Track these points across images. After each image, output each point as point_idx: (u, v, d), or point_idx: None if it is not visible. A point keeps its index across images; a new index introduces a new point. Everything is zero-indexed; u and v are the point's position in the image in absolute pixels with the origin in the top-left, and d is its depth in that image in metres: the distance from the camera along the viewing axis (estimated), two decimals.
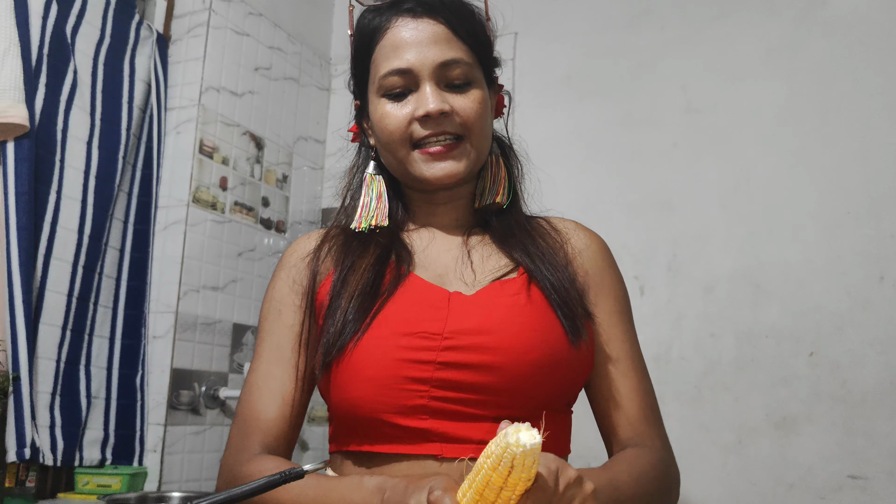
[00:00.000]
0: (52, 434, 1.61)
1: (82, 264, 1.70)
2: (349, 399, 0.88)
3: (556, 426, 0.92)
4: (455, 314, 0.89)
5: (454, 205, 1.02)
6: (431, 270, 0.96)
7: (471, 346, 0.87)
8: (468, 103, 0.94)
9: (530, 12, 2.22)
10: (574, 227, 1.04)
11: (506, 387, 0.86)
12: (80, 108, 1.72)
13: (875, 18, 1.83)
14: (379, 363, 0.87)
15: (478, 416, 0.87)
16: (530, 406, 0.88)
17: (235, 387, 1.99)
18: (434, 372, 0.86)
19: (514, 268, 0.96)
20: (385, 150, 0.97)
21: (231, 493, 0.76)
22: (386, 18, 0.97)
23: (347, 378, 0.88)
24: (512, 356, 0.87)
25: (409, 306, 0.91)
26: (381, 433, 0.88)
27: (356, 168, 1.06)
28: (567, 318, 0.91)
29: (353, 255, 0.97)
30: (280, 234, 2.24)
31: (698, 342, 1.86)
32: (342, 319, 0.90)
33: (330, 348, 0.90)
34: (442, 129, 0.93)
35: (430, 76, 0.93)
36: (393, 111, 0.94)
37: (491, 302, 0.91)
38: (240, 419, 0.96)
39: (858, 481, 1.66)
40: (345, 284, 0.94)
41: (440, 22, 0.95)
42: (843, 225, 1.77)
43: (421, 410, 0.86)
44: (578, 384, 0.95)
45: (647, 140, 2.01)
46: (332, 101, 2.50)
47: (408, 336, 0.87)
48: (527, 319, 0.90)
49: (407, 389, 0.86)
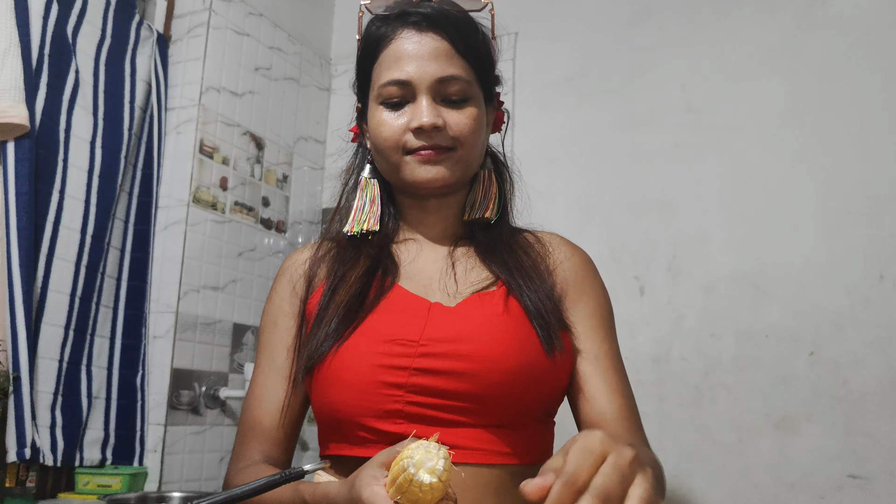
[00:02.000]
0: (53, 434, 1.61)
1: (85, 264, 1.70)
2: (330, 403, 0.92)
3: (536, 435, 0.94)
4: (433, 323, 0.93)
5: (444, 214, 1.05)
6: (416, 281, 0.99)
7: (446, 353, 0.90)
8: (462, 119, 0.97)
9: (530, 12, 2.23)
10: (558, 241, 1.08)
11: (480, 394, 0.89)
12: (82, 108, 1.72)
13: (875, 18, 1.83)
14: (357, 368, 0.90)
15: (453, 422, 0.89)
16: (507, 414, 0.90)
17: (236, 387, 2.00)
18: (409, 377, 0.89)
19: (493, 281, 0.99)
20: (379, 154, 1.01)
21: (231, 493, 0.77)
22: (392, 29, 0.99)
23: (328, 383, 0.92)
24: (486, 364, 0.89)
25: (390, 316, 0.94)
26: (358, 437, 0.91)
27: (353, 169, 1.10)
28: (543, 329, 0.93)
29: (345, 266, 1.01)
30: (280, 234, 2.24)
31: (698, 342, 1.86)
32: (326, 328, 0.94)
33: (312, 354, 0.94)
34: (434, 142, 0.96)
35: (428, 90, 0.96)
36: (388, 119, 0.97)
37: (469, 313, 0.94)
38: (240, 430, 1.01)
39: (858, 481, 1.66)
40: (333, 295, 0.98)
41: (443, 38, 0.98)
42: (843, 225, 1.78)
43: (396, 415, 0.89)
44: (556, 394, 0.97)
45: (648, 140, 2.01)
46: (332, 101, 2.50)
47: (386, 343, 0.91)
48: (503, 329, 0.92)
49: (383, 394, 0.89)
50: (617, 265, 1.98)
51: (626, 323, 1.93)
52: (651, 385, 1.88)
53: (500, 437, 0.90)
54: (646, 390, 1.87)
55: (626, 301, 1.95)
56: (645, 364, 1.90)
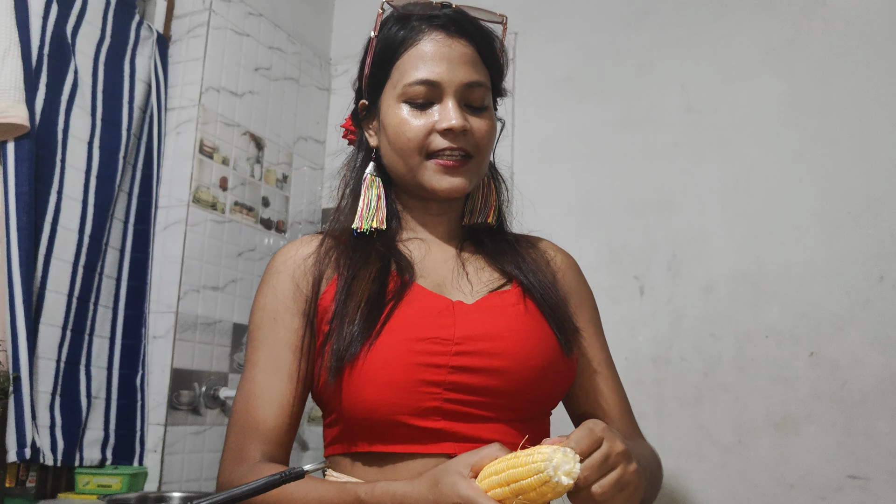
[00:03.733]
0: (53, 434, 1.61)
1: (83, 264, 1.70)
2: (364, 402, 0.91)
3: (543, 427, 1.01)
4: (461, 321, 0.94)
5: (446, 217, 1.07)
6: (431, 280, 1.01)
7: (480, 352, 0.92)
8: (483, 126, 1.00)
9: (530, 12, 2.23)
10: (552, 246, 1.13)
11: (511, 390, 0.93)
12: (80, 109, 1.72)
13: (875, 18, 1.83)
14: (394, 367, 0.90)
15: (486, 418, 0.92)
16: (528, 409, 0.95)
17: (235, 387, 1.99)
18: (447, 375, 0.91)
19: (507, 281, 1.02)
20: (396, 154, 1.00)
21: (231, 493, 0.77)
22: (418, 29, 1.00)
23: (362, 382, 0.91)
24: (517, 361, 0.93)
25: (417, 314, 0.95)
26: (396, 434, 0.91)
27: (354, 168, 1.09)
28: (560, 330, 0.98)
29: (356, 264, 1.00)
30: (280, 234, 2.24)
31: (698, 342, 1.86)
32: (351, 327, 0.93)
33: (342, 354, 0.92)
34: (459, 144, 0.98)
35: (455, 93, 0.98)
36: (412, 119, 0.98)
37: (492, 311, 0.97)
38: (238, 428, 0.98)
39: (858, 481, 1.66)
40: (350, 293, 0.97)
41: (471, 44, 1.01)
42: (843, 225, 1.77)
43: (435, 412, 0.90)
44: (564, 391, 1.02)
45: (647, 140, 2.01)
46: (332, 101, 2.50)
47: (421, 342, 0.92)
48: (528, 328, 0.96)
49: (422, 392, 0.90)
50: (617, 265, 1.98)
51: (626, 323, 1.93)
52: (651, 385, 1.88)
53: (518, 430, 0.94)
54: (646, 390, 1.88)
55: (626, 301, 1.95)
56: (645, 364, 1.90)
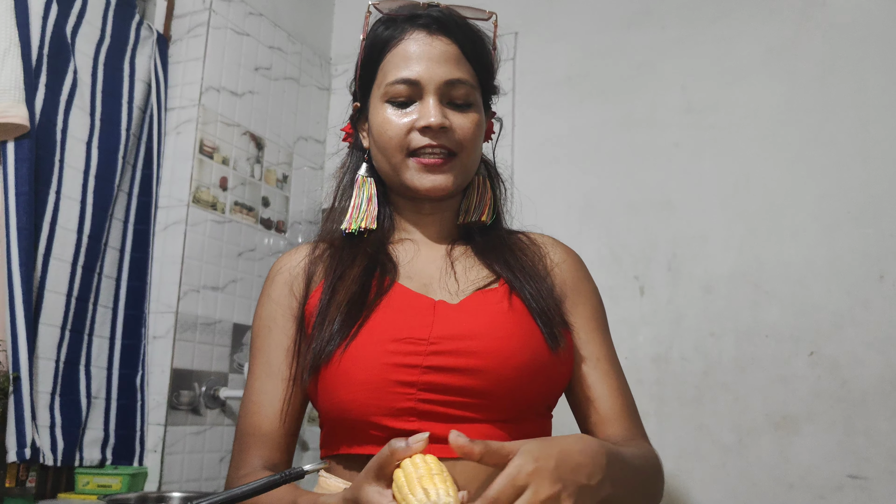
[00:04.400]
0: (53, 434, 1.61)
1: (82, 264, 1.70)
2: (339, 402, 0.91)
3: (537, 428, 0.97)
4: (440, 321, 0.94)
5: (439, 217, 1.07)
6: (416, 280, 1.00)
7: (456, 351, 0.91)
8: (466, 123, 0.99)
9: (530, 12, 2.23)
10: (552, 242, 1.11)
11: (490, 390, 0.90)
12: (79, 109, 1.72)
13: (875, 18, 1.83)
14: (368, 367, 0.90)
15: (464, 418, 0.90)
16: (512, 408, 0.93)
17: (235, 387, 2.00)
18: (421, 375, 0.89)
19: (495, 279, 1.01)
20: (381, 153, 1.01)
21: (231, 493, 0.77)
22: (400, 29, 1.01)
23: (337, 382, 0.91)
24: (496, 360, 0.91)
25: (396, 314, 0.95)
26: (370, 435, 0.91)
27: (346, 169, 1.11)
28: (546, 326, 0.96)
29: (343, 265, 1.01)
30: (280, 234, 2.24)
31: (698, 342, 1.87)
32: (330, 327, 0.94)
33: (318, 354, 0.93)
34: (439, 142, 0.98)
35: (435, 91, 0.98)
36: (394, 118, 0.99)
37: (475, 310, 0.96)
38: (239, 436, 1.01)
39: (858, 481, 1.66)
40: (334, 294, 0.98)
41: (453, 42, 1.01)
42: (843, 225, 1.78)
43: (409, 412, 0.89)
44: (557, 389, 1.00)
45: (648, 140, 2.02)
46: (332, 101, 2.50)
47: (395, 342, 0.91)
48: (509, 326, 0.94)
49: (395, 392, 0.89)
50: (617, 265, 1.98)
51: (626, 323, 1.93)
52: (651, 385, 1.88)
53: (504, 431, 0.92)
54: (646, 390, 1.88)
55: (626, 301, 1.95)
56: (645, 364, 1.90)
